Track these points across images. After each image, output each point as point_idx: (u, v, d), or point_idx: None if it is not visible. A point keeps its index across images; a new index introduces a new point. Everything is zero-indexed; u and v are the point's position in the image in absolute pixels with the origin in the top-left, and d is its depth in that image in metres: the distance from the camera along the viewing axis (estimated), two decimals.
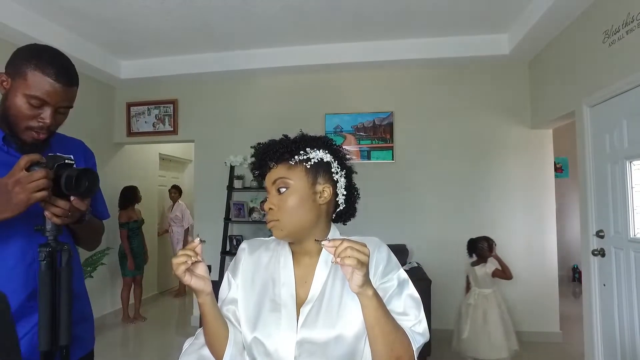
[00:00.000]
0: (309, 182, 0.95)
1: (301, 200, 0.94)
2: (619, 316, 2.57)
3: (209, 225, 4.32)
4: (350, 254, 0.77)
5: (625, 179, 2.50)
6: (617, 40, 2.49)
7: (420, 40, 3.82)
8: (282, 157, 0.95)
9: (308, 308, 0.93)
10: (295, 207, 0.93)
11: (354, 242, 0.79)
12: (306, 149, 0.96)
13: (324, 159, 0.97)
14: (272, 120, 4.19)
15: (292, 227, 0.94)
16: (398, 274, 0.96)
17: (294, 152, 0.95)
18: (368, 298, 0.82)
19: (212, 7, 3.20)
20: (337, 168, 0.99)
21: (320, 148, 0.98)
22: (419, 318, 0.92)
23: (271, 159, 0.97)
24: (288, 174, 0.94)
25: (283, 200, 0.94)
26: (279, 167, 0.96)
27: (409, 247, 3.84)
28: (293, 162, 0.95)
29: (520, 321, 3.80)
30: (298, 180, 0.94)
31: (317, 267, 0.98)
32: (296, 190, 0.94)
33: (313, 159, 0.96)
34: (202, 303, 0.90)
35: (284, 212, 0.93)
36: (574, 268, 6.19)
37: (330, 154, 0.98)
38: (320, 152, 0.97)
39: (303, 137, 0.99)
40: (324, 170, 0.97)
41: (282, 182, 0.94)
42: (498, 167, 3.95)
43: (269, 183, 0.97)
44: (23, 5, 3.10)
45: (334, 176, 0.99)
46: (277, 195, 0.95)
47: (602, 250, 2.72)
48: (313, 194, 0.95)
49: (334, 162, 0.99)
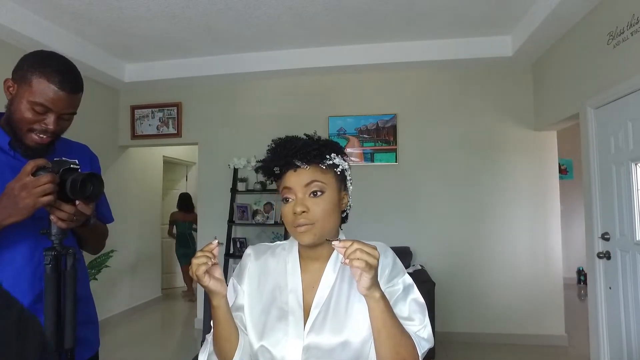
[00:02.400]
0: (338, 189, 0.96)
1: (333, 207, 0.93)
2: (625, 319, 2.55)
3: (212, 228, 4.33)
4: (359, 256, 0.77)
5: (630, 181, 2.49)
6: (622, 42, 2.48)
7: (424, 43, 3.82)
8: (313, 159, 0.93)
9: (315, 313, 0.93)
10: (329, 212, 0.92)
11: (364, 244, 0.79)
12: (332, 154, 0.96)
13: (344, 166, 0.98)
14: (276, 123, 4.20)
15: (323, 232, 0.92)
16: (403, 279, 0.96)
17: (323, 156, 0.94)
18: (375, 300, 0.82)
19: (216, 11, 3.21)
20: (350, 177, 1.01)
21: (341, 155, 0.98)
22: (424, 323, 0.92)
23: (301, 159, 0.92)
24: (322, 177, 0.93)
25: (317, 205, 0.91)
26: (311, 168, 0.93)
27: (413, 250, 3.83)
28: (324, 166, 0.94)
29: (525, 324, 3.79)
30: (330, 186, 0.94)
31: (325, 272, 0.97)
32: (330, 196, 0.93)
33: (339, 166, 0.96)
34: (217, 306, 0.89)
35: (318, 216, 0.91)
36: (580, 270, 6.15)
37: (346, 162, 1.00)
38: (340, 159, 0.98)
39: (329, 142, 0.98)
40: (344, 178, 0.99)
41: (318, 185, 0.92)
42: (502, 169, 3.94)
43: (299, 184, 0.92)
44: (30, 10, 3.13)
45: (349, 184, 1.01)
46: (311, 199, 0.92)
47: (608, 252, 2.70)
48: (339, 200, 0.96)
49: (348, 170, 1.00)
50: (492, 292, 3.86)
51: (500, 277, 3.86)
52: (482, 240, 3.91)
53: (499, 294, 3.85)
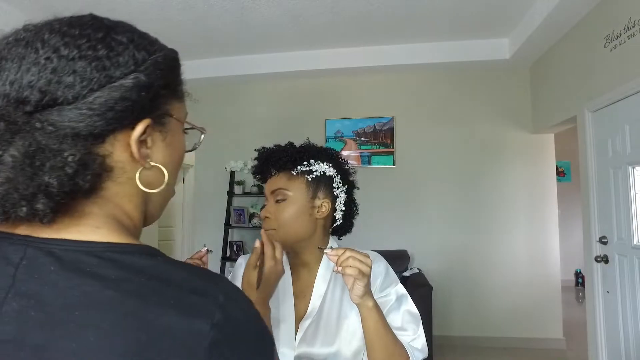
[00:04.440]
0: (309, 195, 0.93)
1: (298, 213, 0.92)
2: (623, 324, 2.54)
3: (209, 231, 4.31)
4: (352, 264, 0.77)
5: (628, 184, 2.48)
6: (619, 45, 2.47)
7: (421, 45, 3.81)
8: (284, 165, 0.94)
9: (307, 323, 0.92)
10: (290, 219, 0.92)
11: (356, 252, 0.79)
12: (310, 160, 0.94)
13: (326, 172, 0.95)
14: (273, 126, 4.19)
15: (287, 239, 0.92)
16: (396, 289, 0.95)
17: (297, 162, 0.93)
18: (368, 309, 0.81)
19: (212, 13, 3.20)
20: (339, 183, 0.97)
21: (325, 161, 0.96)
22: (418, 333, 0.91)
23: (273, 166, 0.95)
24: (288, 184, 0.93)
25: (279, 211, 0.92)
26: (280, 175, 0.94)
27: (410, 253, 3.81)
28: (295, 172, 0.93)
29: (522, 327, 3.77)
30: (297, 192, 0.92)
31: (316, 280, 0.96)
32: (294, 202, 0.92)
33: (316, 171, 0.94)
34: None
35: (280, 223, 0.92)
36: (577, 273, 6.15)
37: (334, 168, 0.97)
38: (324, 165, 0.95)
39: (308, 147, 0.97)
40: (325, 184, 0.96)
41: (280, 192, 0.93)
42: (499, 172, 3.92)
43: (268, 191, 0.96)
44: (21, 11, 3.11)
45: (335, 191, 0.97)
46: (275, 205, 0.93)
47: (606, 256, 2.69)
48: (311, 207, 0.94)
49: (336, 177, 0.97)
50: (490, 296, 3.85)
51: (498, 280, 3.85)
52: (479, 243, 3.90)
53: (497, 297, 3.84)
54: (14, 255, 0.38)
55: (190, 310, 0.38)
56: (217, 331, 0.38)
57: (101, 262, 0.39)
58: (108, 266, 0.38)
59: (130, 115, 0.42)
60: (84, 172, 0.39)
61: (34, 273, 0.37)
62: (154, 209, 0.51)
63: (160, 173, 0.47)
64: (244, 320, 0.41)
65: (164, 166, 0.47)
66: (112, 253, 0.40)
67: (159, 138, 0.47)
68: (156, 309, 0.37)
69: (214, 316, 0.38)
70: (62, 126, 0.39)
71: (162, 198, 0.51)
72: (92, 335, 0.35)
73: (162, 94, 0.47)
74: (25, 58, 0.40)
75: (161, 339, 0.36)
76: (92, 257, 0.39)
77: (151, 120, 0.45)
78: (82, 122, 0.39)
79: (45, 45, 0.40)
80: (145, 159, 0.45)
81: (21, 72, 0.39)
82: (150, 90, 0.44)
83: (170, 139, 0.49)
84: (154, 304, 0.37)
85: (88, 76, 0.40)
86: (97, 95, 0.40)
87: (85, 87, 0.40)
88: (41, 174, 0.38)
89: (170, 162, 0.49)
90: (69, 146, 0.39)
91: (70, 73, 0.39)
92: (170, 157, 0.49)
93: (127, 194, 0.45)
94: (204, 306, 0.39)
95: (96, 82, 0.40)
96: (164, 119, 0.47)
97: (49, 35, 0.42)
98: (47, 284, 0.37)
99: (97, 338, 0.35)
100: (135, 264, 0.40)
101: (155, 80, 0.45)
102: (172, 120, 0.49)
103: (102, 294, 0.37)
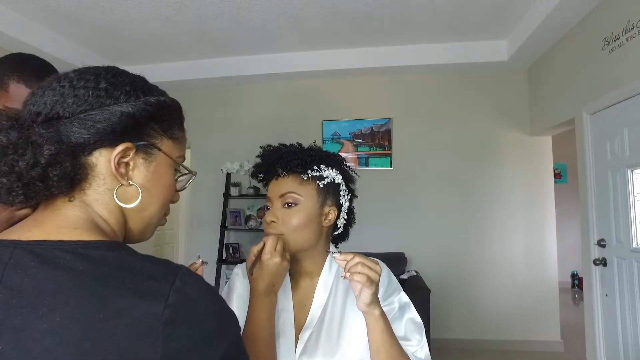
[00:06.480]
0: (319, 202, 0.90)
1: (308, 220, 0.88)
2: (621, 327, 2.53)
3: (205, 233, 4.27)
4: (360, 270, 0.74)
5: (627, 187, 2.47)
6: (617, 48, 2.47)
7: (419, 47, 3.80)
8: (294, 168, 0.89)
9: (307, 334, 0.89)
10: (301, 226, 0.88)
11: (365, 258, 0.76)
12: (320, 165, 0.90)
13: (335, 179, 0.92)
14: (270, 127, 4.16)
15: (293, 245, 0.88)
16: (399, 297, 0.92)
17: (308, 166, 0.89)
18: (375, 318, 0.78)
19: (209, 14, 3.16)
20: (345, 191, 0.94)
21: (334, 167, 0.92)
22: (422, 343, 0.88)
23: (283, 167, 0.89)
24: (299, 189, 0.88)
25: (289, 216, 0.88)
26: (290, 178, 0.89)
27: (408, 256, 3.80)
28: (306, 177, 0.89)
29: (520, 330, 3.76)
30: (308, 198, 0.89)
31: (317, 289, 0.93)
32: (305, 208, 0.88)
33: (326, 178, 0.90)
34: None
35: (288, 229, 0.87)
36: (574, 274, 6.15)
37: (341, 175, 0.94)
38: (333, 171, 0.92)
39: (319, 152, 0.93)
40: (333, 191, 0.93)
41: (291, 196, 0.88)
42: (497, 174, 3.92)
43: (275, 193, 0.90)
44: (18, 12, 3.07)
45: (341, 199, 0.94)
46: (283, 209, 0.88)
47: (604, 259, 2.68)
48: (320, 215, 0.90)
49: (342, 185, 0.94)
50: (488, 298, 3.84)
51: (496, 282, 3.84)
52: (477, 246, 3.88)
53: (495, 300, 3.83)
54: (4, 256, 0.46)
55: (146, 293, 0.43)
56: (171, 311, 0.43)
57: (73, 257, 0.45)
58: (78, 260, 0.45)
59: (111, 134, 0.51)
60: (56, 166, 0.48)
61: (18, 269, 0.45)
62: (133, 225, 0.57)
63: (139, 193, 0.55)
64: (201, 302, 0.46)
65: (143, 189, 0.55)
66: (83, 249, 0.47)
67: (142, 164, 0.55)
68: (115, 292, 0.43)
69: (168, 297, 0.43)
70: (57, 132, 0.49)
71: (141, 218, 0.57)
72: (58, 316, 0.41)
73: (150, 126, 0.55)
74: (49, 87, 0.52)
75: (118, 318, 0.42)
76: (66, 253, 0.45)
77: (134, 145, 0.53)
78: (72, 131, 0.50)
79: (65, 79, 0.52)
80: (123, 177, 0.53)
81: (44, 96, 0.51)
82: (133, 119, 0.53)
83: (155, 168, 0.56)
84: (113, 288, 0.43)
85: (85, 100, 0.51)
86: (88, 114, 0.50)
87: (80, 106, 0.50)
88: (21, 160, 0.46)
89: (151, 188, 0.56)
90: (51, 145, 0.48)
91: (73, 97, 0.51)
92: (152, 183, 0.56)
93: (104, 202, 0.53)
94: (158, 289, 0.44)
95: (89, 104, 0.51)
96: (150, 149, 0.56)
97: (73, 74, 0.53)
98: (27, 277, 0.44)
99: (63, 318, 0.41)
100: (101, 257, 0.46)
101: (140, 113, 0.53)
102: (160, 153, 0.57)
103: (70, 282, 0.43)
